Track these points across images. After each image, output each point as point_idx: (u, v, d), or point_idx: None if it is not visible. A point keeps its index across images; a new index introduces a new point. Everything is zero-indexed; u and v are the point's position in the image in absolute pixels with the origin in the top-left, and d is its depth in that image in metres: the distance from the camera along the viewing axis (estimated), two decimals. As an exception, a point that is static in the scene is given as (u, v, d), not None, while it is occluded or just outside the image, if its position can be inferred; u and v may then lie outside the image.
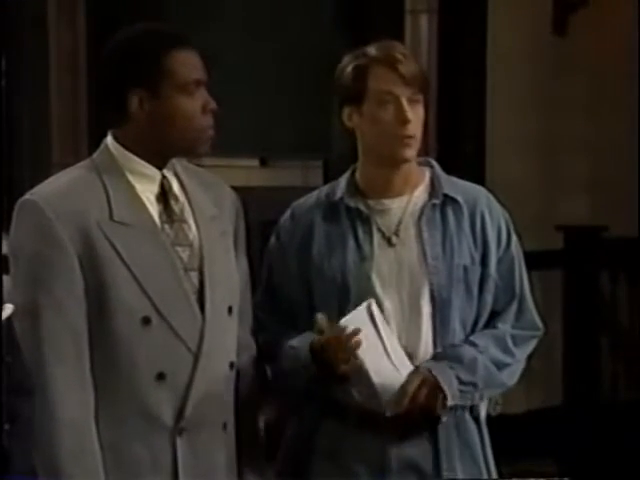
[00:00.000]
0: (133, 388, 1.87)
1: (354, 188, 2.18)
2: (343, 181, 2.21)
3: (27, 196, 1.88)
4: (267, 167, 5.20)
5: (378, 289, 2.12)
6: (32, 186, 1.93)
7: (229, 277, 1.98)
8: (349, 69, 2.16)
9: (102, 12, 4.67)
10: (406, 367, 2.10)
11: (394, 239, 2.15)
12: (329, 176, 5.11)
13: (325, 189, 2.24)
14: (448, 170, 2.25)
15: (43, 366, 1.83)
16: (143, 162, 1.92)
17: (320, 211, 2.18)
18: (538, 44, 4.99)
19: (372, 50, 2.16)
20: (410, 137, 2.12)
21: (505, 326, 2.19)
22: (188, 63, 1.89)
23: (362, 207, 2.15)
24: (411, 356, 2.12)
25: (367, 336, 2.04)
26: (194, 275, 1.92)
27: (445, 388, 2.09)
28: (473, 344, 2.15)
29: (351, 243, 2.15)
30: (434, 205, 2.16)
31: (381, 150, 2.15)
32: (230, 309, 1.96)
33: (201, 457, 1.91)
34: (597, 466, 4.52)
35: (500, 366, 2.16)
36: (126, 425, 1.86)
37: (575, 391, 4.80)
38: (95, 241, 1.85)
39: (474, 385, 2.13)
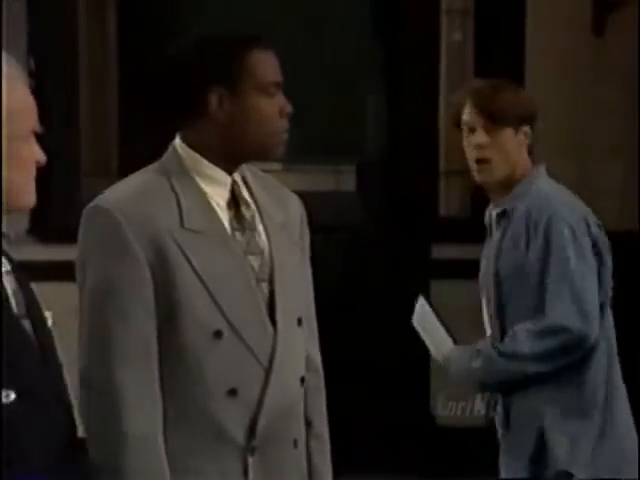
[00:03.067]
0: (203, 404, 1.79)
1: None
2: None
3: (97, 202, 1.81)
4: (294, 172, 5.13)
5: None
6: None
7: (298, 287, 1.92)
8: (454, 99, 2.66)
9: (133, 15, 4.61)
10: (446, 345, 2.65)
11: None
12: (362, 180, 5.04)
13: None
14: None
15: (112, 378, 1.75)
16: (213, 166, 1.85)
17: None
18: (577, 44, 4.89)
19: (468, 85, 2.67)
20: (483, 161, 2.53)
21: (527, 321, 2.46)
22: (268, 64, 1.85)
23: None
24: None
25: (422, 324, 2.72)
26: (265, 286, 1.86)
27: (450, 367, 2.58)
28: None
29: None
30: (497, 214, 2.56)
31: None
32: (300, 320, 1.90)
33: (272, 475, 1.84)
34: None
35: (507, 357, 2.46)
36: (195, 442, 1.79)
37: None
38: (166, 249, 1.78)
39: (481, 370, 2.50)
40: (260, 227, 1.88)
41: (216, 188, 1.85)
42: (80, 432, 1.66)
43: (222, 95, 1.81)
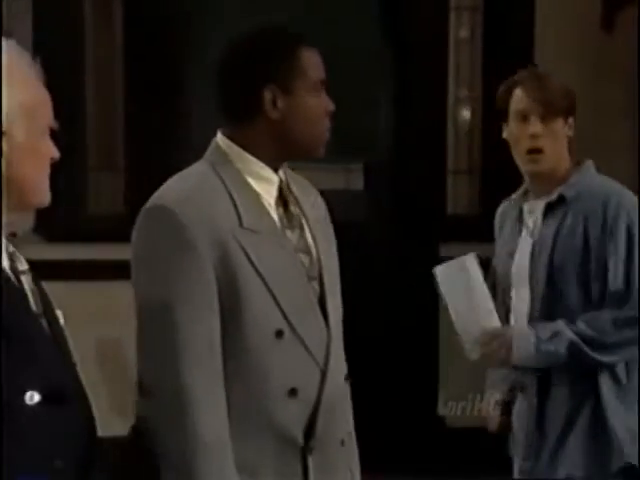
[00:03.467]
0: (264, 404, 1.78)
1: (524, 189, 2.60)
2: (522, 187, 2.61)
3: (157, 202, 1.78)
4: (303, 170, 5.10)
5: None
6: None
7: (339, 286, 1.92)
8: (501, 89, 2.55)
9: (139, 11, 4.58)
10: (490, 318, 2.43)
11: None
12: (370, 179, 5.01)
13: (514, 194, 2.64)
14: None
15: (183, 382, 1.71)
16: (262, 164, 1.84)
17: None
18: (585, 41, 4.86)
19: (519, 74, 2.54)
20: (537, 151, 2.47)
21: (606, 307, 2.40)
22: (316, 62, 1.85)
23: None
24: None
25: (455, 284, 2.45)
26: (315, 284, 1.86)
27: (514, 345, 2.39)
28: (570, 322, 2.40)
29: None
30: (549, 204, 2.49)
31: (519, 164, 2.56)
32: (341, 319, 1.91)
33: (327, 475, 1.85)
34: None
35: (590, 343, 2.37)
36: (256, 443, 1.77)
37: None
38: (228, 249, 1.76)
39: (553, 354, 2.37)
40: (305, 225, 1.88)
41: (265, 186, 1.84)
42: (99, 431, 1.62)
43: (275, 94, 1.81)
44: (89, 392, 1.61)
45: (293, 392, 1.78)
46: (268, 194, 1.84)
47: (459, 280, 2.49)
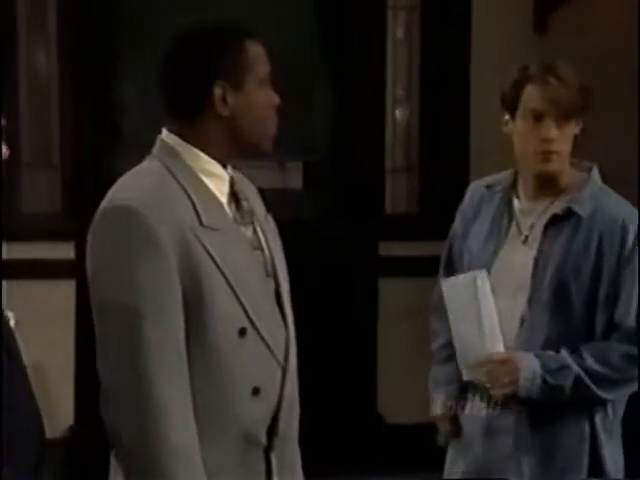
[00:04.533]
0: (230, 405, 1.75)
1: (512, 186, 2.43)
2: (507, 177, 2.45)
3: (118, 202, 1.73)
4: (240, 168, 5.08)
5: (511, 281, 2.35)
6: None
7: (288, 282, 1.91)
8: (509, 80, 2.36)
9: (74, 7, 4.51)
10: (496, 343, 2.29)
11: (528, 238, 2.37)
12: (309, 178, 5.01)
13: (488, 180, 2.49)
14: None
15: (149, 384, 1.67)
16: (212, 161, 1.82)
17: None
18: (519, 42, 4.92)
19: (532, 67, 2.35)
20: (550, 153, 2.30)
21: (616, 342, 2.29)
22: (263, 56, 1.84)
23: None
24: None
25: (462, 301, 2.31)
26: (271, 281, 1.85)
27: (521, 377, 2.26)
28: (574, 352, 2.29)
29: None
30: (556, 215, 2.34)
31: (522, 162, 2.39)
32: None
33: (286, 474, 1.84)
34: None
35: (597, 379, 2.28)
36: (221, 444, 1.75)
37: None
38: (191, 248, 1.72)
39: (558, 388, 2.27)
40: (256, 221, 1.87)
41: (218, 183, 1.82)
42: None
43: (225, 90, 1.79)
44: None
45: (256, 391, 1.77)
46: (220, 191, 1.82)
47: (466, 296, 2.34)
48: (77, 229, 4.51)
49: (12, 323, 1.57)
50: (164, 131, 1.84)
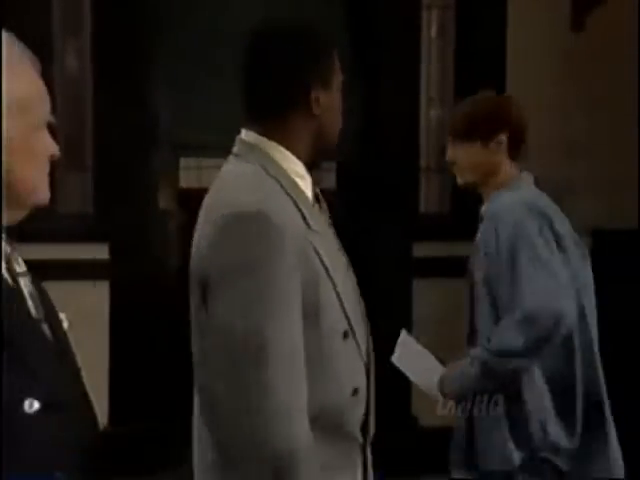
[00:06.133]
0: (337, 406, 1.79)
1: None
2: None
3: (253, 208, 1.71)
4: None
5: None
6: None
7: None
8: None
9: (109, 13, 4.53)
10: (433, 377, 2.63)
11: None
12: (343, 178, 5.00)
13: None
14: None
15: (273, 392, 1.68)
16: (299, 162, 1.82)
17: None
18: (556, 41, 4.88)
19: None
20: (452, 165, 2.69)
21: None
22: (339, 61, 1.88)
23: None
24: None
25: (407, 359, 2.71)
26: (351, 280, 1.88)
27: (444, 386, 2.59)
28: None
29: None
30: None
31: None
32: None
33: (371, 470, 1.89)
34: None
35: (500, 355, 2.47)
36: (326, 442, 1.76)
37: None
38: (307, 253, 1.74)
39: (475, 377, 2.50)
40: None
41: (306, 185, 1.82)
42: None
43: (319, 93, 1.81)
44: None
45: (355, 391, 1.80)
46: (308, 194, 1.82)
47: (405, 355, 2.73)
48: (109, 230, 4.55)
49: (65, 325, 1.52)
50: (244, 131, 1.83)
